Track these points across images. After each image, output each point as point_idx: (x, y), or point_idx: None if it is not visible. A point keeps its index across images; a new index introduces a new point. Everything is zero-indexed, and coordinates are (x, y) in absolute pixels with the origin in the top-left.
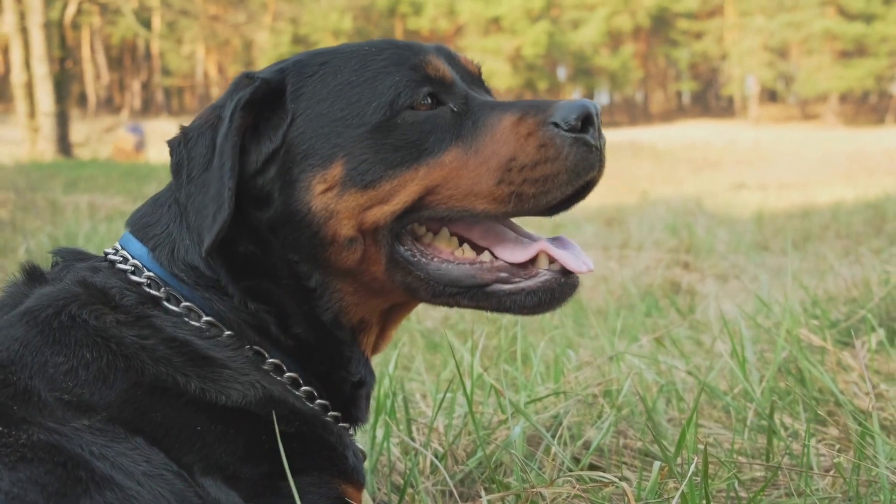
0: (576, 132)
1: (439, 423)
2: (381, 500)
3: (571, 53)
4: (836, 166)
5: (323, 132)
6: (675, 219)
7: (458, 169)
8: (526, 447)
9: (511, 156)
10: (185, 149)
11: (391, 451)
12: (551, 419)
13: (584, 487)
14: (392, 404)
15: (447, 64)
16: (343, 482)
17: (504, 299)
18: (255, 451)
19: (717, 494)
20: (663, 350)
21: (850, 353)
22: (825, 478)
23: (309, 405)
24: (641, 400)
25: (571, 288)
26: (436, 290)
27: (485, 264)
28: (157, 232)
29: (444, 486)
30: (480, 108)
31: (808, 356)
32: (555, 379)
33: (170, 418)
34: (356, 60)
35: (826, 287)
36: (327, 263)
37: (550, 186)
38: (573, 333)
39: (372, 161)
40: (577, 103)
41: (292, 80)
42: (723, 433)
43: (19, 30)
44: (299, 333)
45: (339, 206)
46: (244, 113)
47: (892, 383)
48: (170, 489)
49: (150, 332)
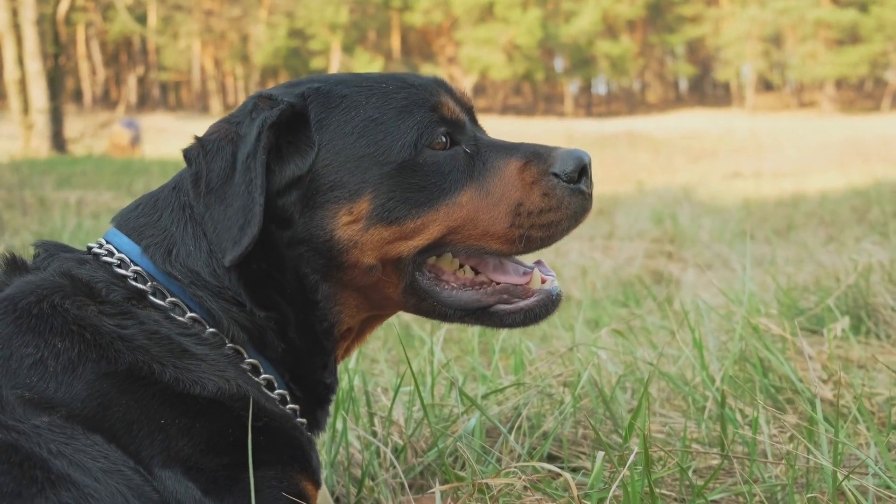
0: (574, 183)
1: (400, 416)
2: (340, 493)
3: (567, 43)
4: (831, 154)
5: (349, 166)
6: (663, 208)
7: (474, 210)
8: (486, 438)
9: (518, 200)
10: (203, 160)
11: (349, 444)
12: (512, 410)
13: (533, 477)
14: (351, 397)
15: (455, 102)
16: (305, 479)
17: (505, 318)
18: (219, 443)
19: (672, 483)
20: (627, 340)
21: (809, 341)
22: (778, 465)
23: (280, 407)
24: (599, 390)
25: (556, 303)
26: (445, 313)
27: (488, 288)
28: (153, 232)
29: (404, 477)
30: (488, 150)
31: (769, 345)
32: (515, 371)
33: (134, 411)
34: (377, 97)
35: (803, 276)
36: (341, 281)
37: (555, 231)
38: (547, 325)
39: (398, 199)
40: (574, 154)
41: (315, 109)
42: (682, 422)
43: (12, 26)
44: (293, 339)
45: (363, 239)
46: (270, 133)
47: (854, 371)
48: (127, 485)
49: (131, 323)
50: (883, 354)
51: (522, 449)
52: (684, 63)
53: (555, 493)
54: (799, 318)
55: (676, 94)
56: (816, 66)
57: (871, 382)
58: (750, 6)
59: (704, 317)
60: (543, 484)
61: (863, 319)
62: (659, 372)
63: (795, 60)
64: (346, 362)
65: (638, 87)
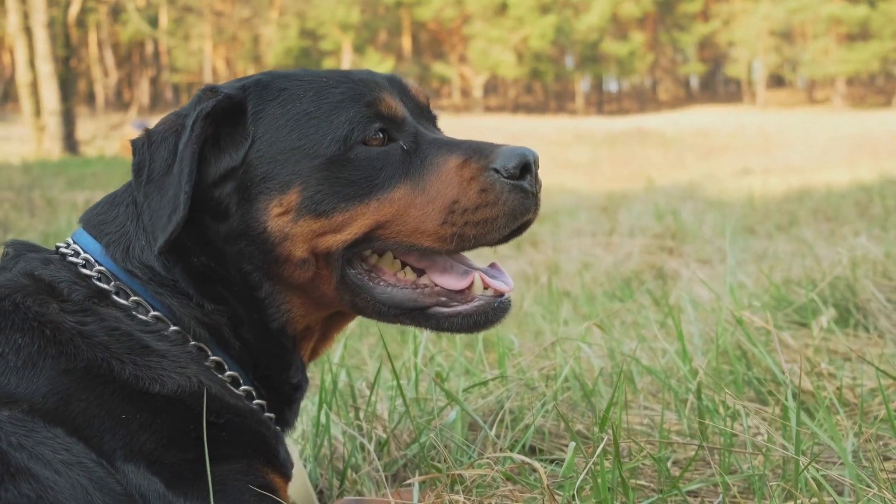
0: (514, 179)
1: (384, 410)
2: (323, 486)
3: (578, 41)
4: (840, 149)
5: (281, 159)
6: (668, 205)
7: (406, 206)
8: (469, 432)
9: (454, 198)
10: (147, 151)
11: (332, 437)
12: (495, 404)
13: (509, 468)
14: (335, 391)
15: (399, 98)
16: (272, 472)
17: (442, 321)
18: (182, 438)
19: (652, 474)
20: (607, 333)
21: (797, 334)
22: (757, 456)
23: (246, 402)
24: (580, 383)
25: (503, 310)
26: (381, 311)
27: (426, 289)
28: (112, 229)
29: (387, 470)
30: (428, 147)
31: (752, 336)
32: (499, 364)
33: (94, 406)
34: (314, 91)
35: (798, 270)
36: (280, 277)
37: (490, 229)
38: (543, 320)
39: (326, 192)
40: (517, 151)
41: (253, 101)
42: (667, 415)
43: (23, 29)
44: (249, 339)
45: (293, 231)
46: (205, 123)
47: (839, 363)
48: (89, 477)
49: (92, 320)
50: (869, 347)
51: (504, 441)
52: (695, 60)
53: (531, 484)
54: (787, 312)
55: (687, 91)
56: (828, 63)
57: (856, 374)
58: (762, 2)
59: (689, 310)
60: (522, 475)
61: (851, 312)
62: (640, 364)
63: (807, 57)
64: (329, 357)
65: (649, 85)
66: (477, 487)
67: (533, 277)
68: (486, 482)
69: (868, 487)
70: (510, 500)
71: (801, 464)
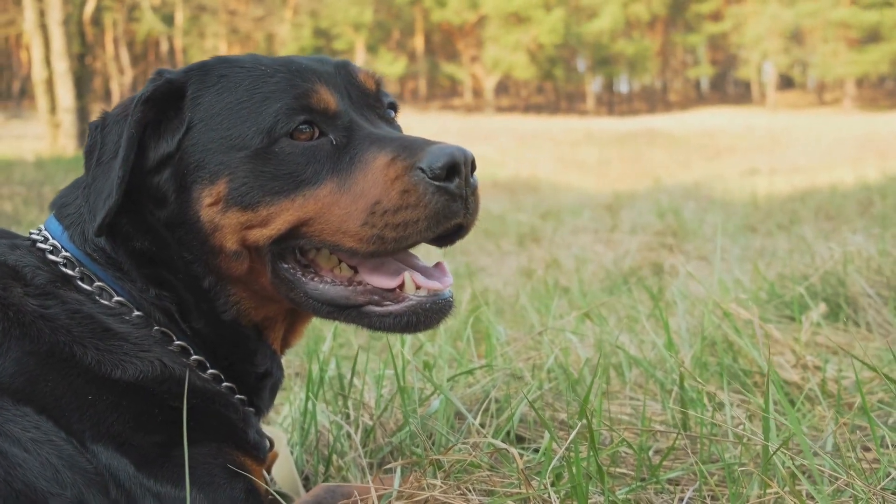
0: (440, 181)
1: (371, 398)
2: (309, 472)
3: (589, 42)
4: (848, 150)
5: (212, 147)
6: (672, 203)
7: (330, 205)
8: (456, 420)
9: (377, 198)
10: (100, 134)
11: (318, 425)
12: (481, 393)
13: (488, 454)
14: (321, 378)
15: (339, 88)
16: (242, 454)
17: (375, 321)
18: (149, 422)
19: (634, 462)
20: (595, 323)
21: (787, 328)
22: (738, 446)
23: (214, 385)
24: (566, 373)
25: (438, 311)
26: (314, 307)
27: (359, 287)
28: (71, 212)
29: (372, 457)
30: (360, 143)
31: (738, 328)
32: (487, 354)
33: (61, 387)
34: (251, 80)
35: (794, 266)
36: (218, 269)
37: (410, 232)
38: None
39: (252, 185)
40: (445, 150)
41: (193, 87)
42: (651, 405)
43: (39, 27)
44: (198, 328)
45: (223, 221)
46: (145, 108)
47: (826, 356)
48: (58, 455)
49: (54, 304)
50: (858, 341)
51: (489, 430)
52: (705, 62)
53: (511, 470)
54: (778, 306)
55: (698, 92)
56: (838, 65)
57: (842, 367)
58: (771, 4)
59: (678, 304)
60: (505, 463)
61: (842, 307)
62: (627, 354)
63: (817, 59)
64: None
65: (659, 86)
66: (456, 473)
67: (530, 272)
68: (464, 468)
69: (839, 475)
70: (488, 486)
71: (769, 449)
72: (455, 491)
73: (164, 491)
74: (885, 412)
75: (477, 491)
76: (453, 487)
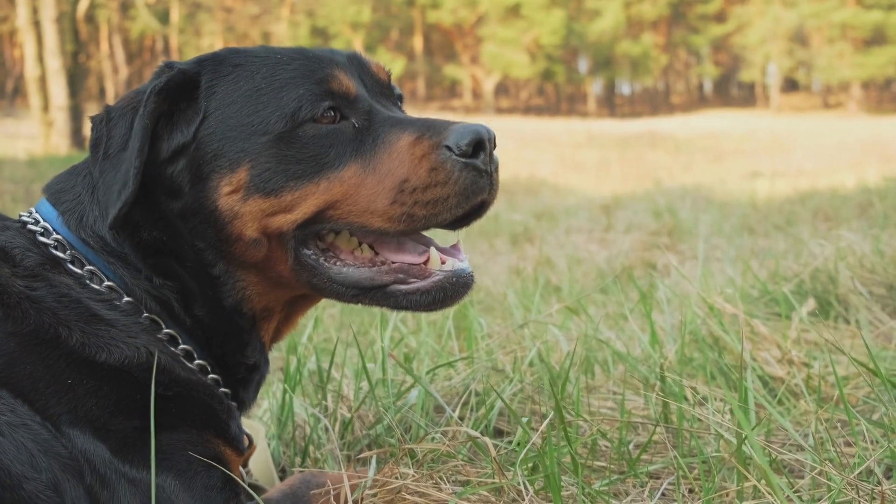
0: (467, 157)
1: (350, 390)
2: (286, 463)
3: (591, 43)
4: (851, 154)
5: (231, 135)
6: (668, 202)
7: (356, 186)
8: (436, 413)
9: (405, 177)
10: (105, 127)
11: (294, 416)
12: (461, 386)
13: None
14: (298, 369)
15: (355, 76)
16: (223, 443)
17: (401, 299)
18: (128, 406)
19: (614, 456)
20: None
21: (772, 325)
22: (718, 440)
23: (199, 376)
24: (546, 366)
25: (464, 285)
26: (339, 291)
27: (383, 267)
28: (68, 198)
29: (350, 449)
30: (381, 125)
31: (725, 324)
32: (467, 347)
33: (40, 370)
34: (267, 68)
35: (788, 265)
36: (233, 256)
37: (441, 209)
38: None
39: (274, 170)
40: (470, 128)
41: (207, 77)
42: (635, 399)
43: (32, 24)
44: (200, 315)
45: (243, 209)
46: (158, 99)
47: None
48: (34, 439)
49: (42, 286)
50: (847, 338)
51: (469, 423)
52: (709, 64)
53: (487, 459)
54: (768, 303)
55: (701, 94)
56: (843, 68)
57: (829, 364)
58: (774, 5)
59: (664, 300)
60: (484, 456)
61: (832, 304)
62: (610, 348)
63: (822, 61)
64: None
65: (662, 88)
66: (430, 462)
67: (521, 271)
68: (439, 458)
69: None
70: (463, 476)
71: (743, 438)
72: (428, 480)
73: (140, 476)
74: (871, 406)
75: (451, 481)
76: (426, 477)
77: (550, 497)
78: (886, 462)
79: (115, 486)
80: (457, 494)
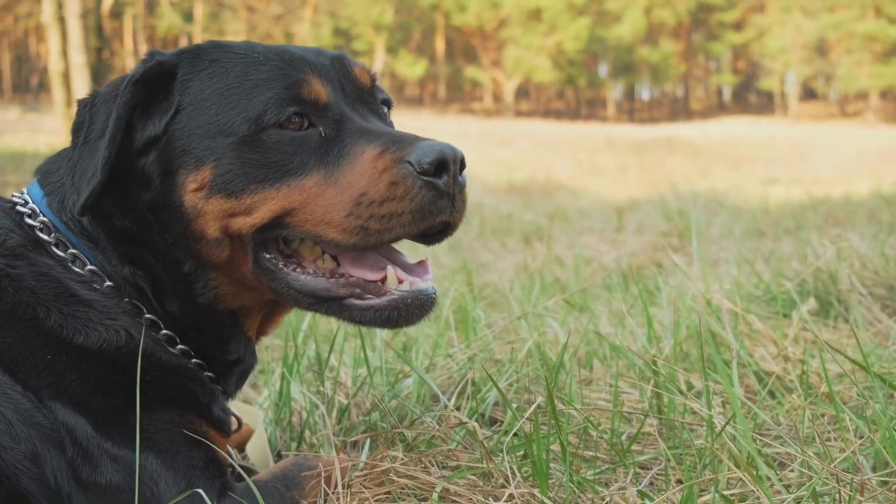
0: (428, 176)
1: (348, 377)
2: (282, 448)
3: (612, 48)
4: (868, 162)
5: (199, 133)
6: (680, 205)
7: (315, 196)
8: (432, 402)
9: (364, 190)
10: (88, 112)
11: (290, 402)
12: (458, 375)
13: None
14: (295, 356)
15: (332, 80)
16: (206, 424)
17: (356, 314)
18: (108, 385)
19: (607, 446)
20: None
21: (771, 324)
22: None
23: (182, 360)
24: (542, 357)
25: (421, 308)
26: (295, 298)
27: (341, 279)
28: (53, 180)
29: (347, 435)
30: (349, 135)
31: (722, 319)
32: (466, 337)
33: (20, 344)
34: (243, 66)
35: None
36: (200, 255)
37: (395, 224)
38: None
39: (237, 172)
40: (435, 146)
41: (184, 70)
42: (630, 392)
43: (57, 19)
44: (173, 311)
45: (206, 208)
46: (135, 89)
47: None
48: (14, 408)
49: (22, 265)
50: (845, 338)
51: (464, 412)
52: (728, 71)
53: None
54: (770, 302)
55: (720, 101)
56: (862, 77)
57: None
58: (794, 13)
59: (663, 296)
60: (476, 443)
61: (833, 304)
62: (607, 341)
63: (841, 70)
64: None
65: (681, 94)
66: (421, 447)
67: (528, 267)
68: (429, 442)
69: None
70: (452, 460)
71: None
72: (417, 464)
73: (121, 454)
74: (863, 403)
75: (440, 465)
76: (415, 460)
77: (538, 483)
78: (873, 455)
79: (98, 462)
80: (444, 478)
